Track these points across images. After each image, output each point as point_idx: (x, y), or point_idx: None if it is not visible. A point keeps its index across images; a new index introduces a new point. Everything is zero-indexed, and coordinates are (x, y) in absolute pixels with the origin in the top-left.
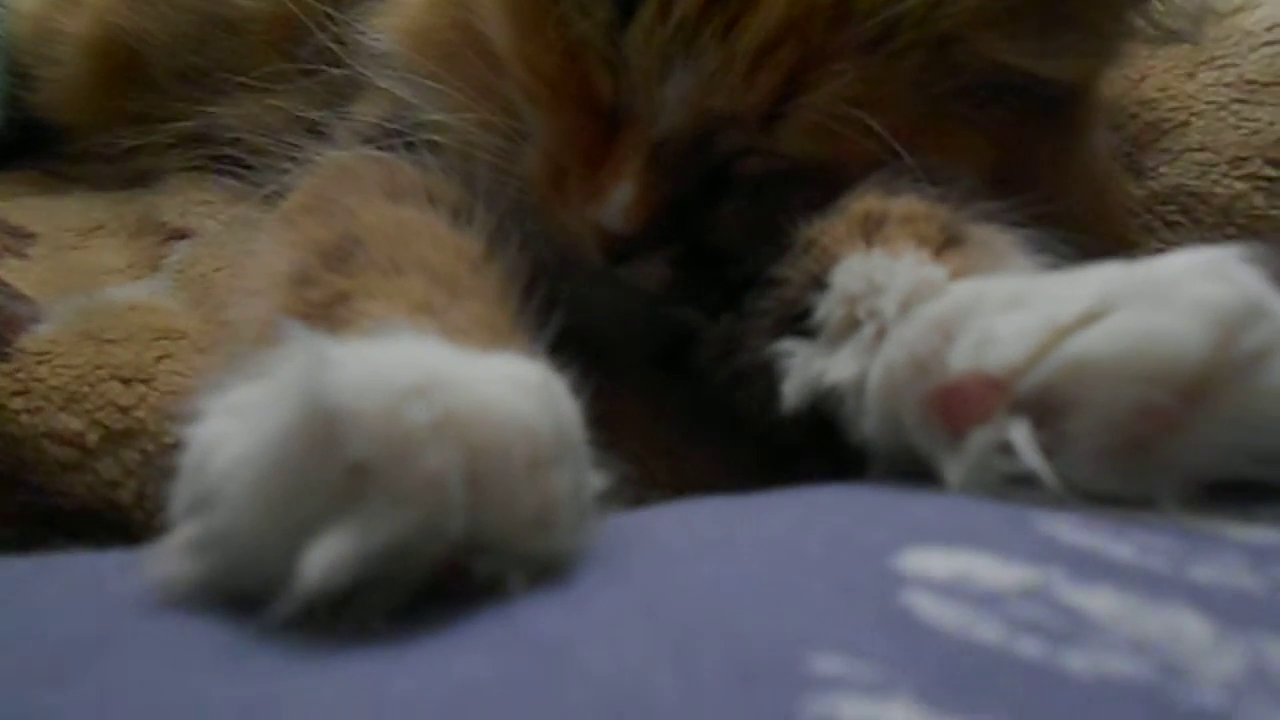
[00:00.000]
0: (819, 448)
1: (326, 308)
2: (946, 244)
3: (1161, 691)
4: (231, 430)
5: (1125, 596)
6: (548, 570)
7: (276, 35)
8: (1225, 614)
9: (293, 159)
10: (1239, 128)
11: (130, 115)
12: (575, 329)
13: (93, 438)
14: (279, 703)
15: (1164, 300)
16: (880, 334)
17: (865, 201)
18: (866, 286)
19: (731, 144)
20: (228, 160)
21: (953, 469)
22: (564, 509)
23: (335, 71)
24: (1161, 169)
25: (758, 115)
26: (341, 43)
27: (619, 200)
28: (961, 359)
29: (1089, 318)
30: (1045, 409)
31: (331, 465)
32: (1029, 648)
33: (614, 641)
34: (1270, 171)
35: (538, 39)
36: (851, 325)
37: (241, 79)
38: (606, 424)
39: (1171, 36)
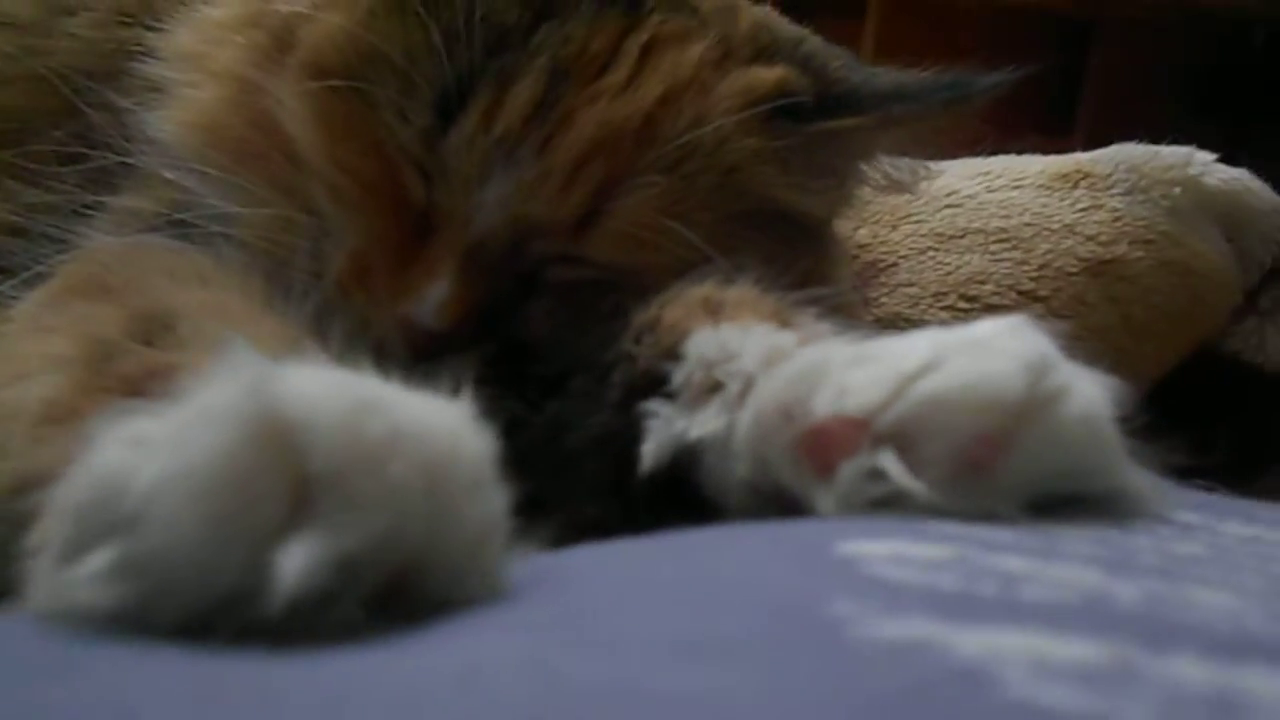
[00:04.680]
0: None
1: (145, 380)
2: (781, 324)
3: (1097, 599)
4: (140, 456)
5: (1028, 562)
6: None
7: (4, 126)
8: (1110, 568)
9: (56, 244)
10: (936, 269)
11: None
12: None
13: None
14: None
15: (987, 351)
16: (745, 391)
17: (701, 289)
18: (721, 353)
19: (544, 250)
20: None
21: (824, 498)
22: (499, 529)
23: (111, 158)
24: (882, 299)
25: (570, 223)
26: (124, 128)
27: (435, 298)
28: (824, 405)
29: (929, 367)
30: (899, 442)
31: (288, 473)
32: (987, 589)
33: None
34: (963, 305)
35: (349, 142)
36: (712, 387)
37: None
38: None
39: (895, 185)
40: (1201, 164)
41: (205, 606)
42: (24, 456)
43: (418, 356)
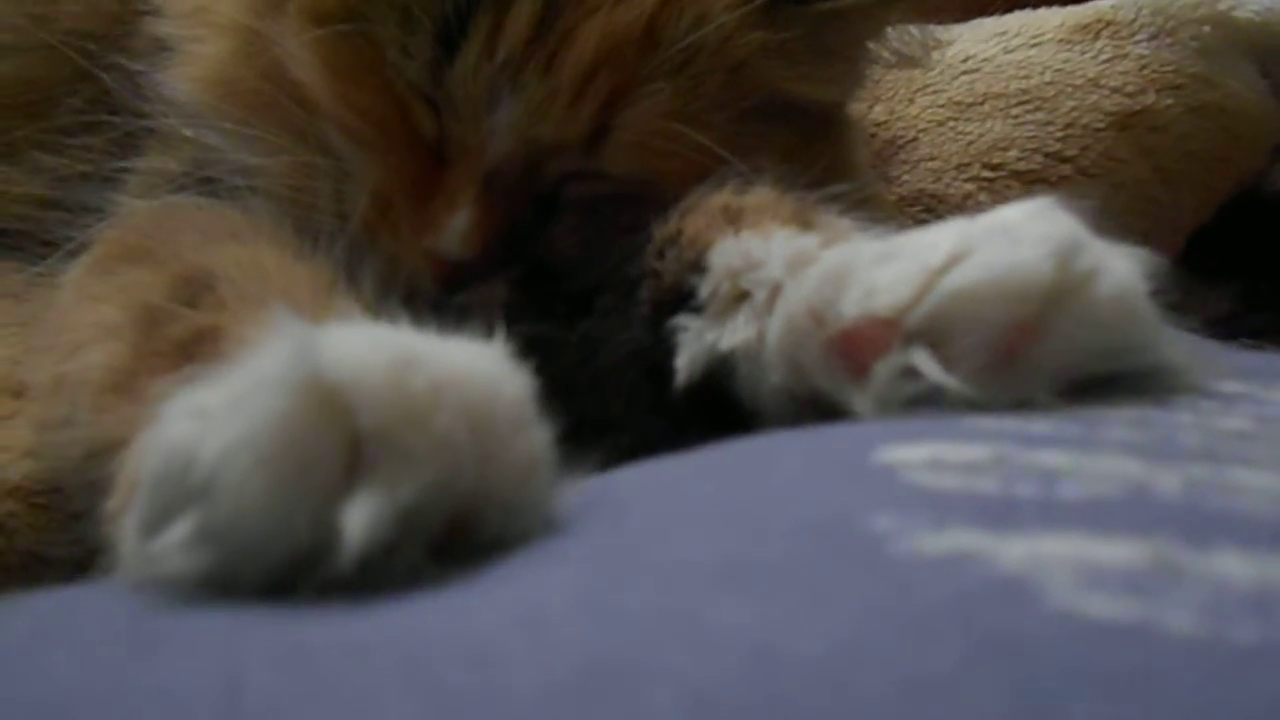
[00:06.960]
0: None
1: (194, 344)
2: (803, 226)
3: (1139, 492)
4: (203, 428)
5: (1067, 455)
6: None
7: (24, 99)
8: (1150, 455)
9: (94, 213)
10: (957, 140)
11: None
12: None
13: None
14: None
15: (1013, 238)
16: (772, 298)
17: (720, 197)
18: (745, 263)
19: (560, 169)
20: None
21: (860, 400)
22: (544, 465)
23: (133, 122)
24: (904, 177)
25: (582, 140)
26: (139, 89)
27: (457, 228)
28: (852, 306)
29: (955, 259)
30: (930, 338)
31: (341, 434)
32: (1026, 490)
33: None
34: (987, 174)
35: (358, 83)
36: (739, 297)
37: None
38: None
39: (907, 61)
40: None
41: (282, 566)
42: (92, 425)
43: (447, 289)
